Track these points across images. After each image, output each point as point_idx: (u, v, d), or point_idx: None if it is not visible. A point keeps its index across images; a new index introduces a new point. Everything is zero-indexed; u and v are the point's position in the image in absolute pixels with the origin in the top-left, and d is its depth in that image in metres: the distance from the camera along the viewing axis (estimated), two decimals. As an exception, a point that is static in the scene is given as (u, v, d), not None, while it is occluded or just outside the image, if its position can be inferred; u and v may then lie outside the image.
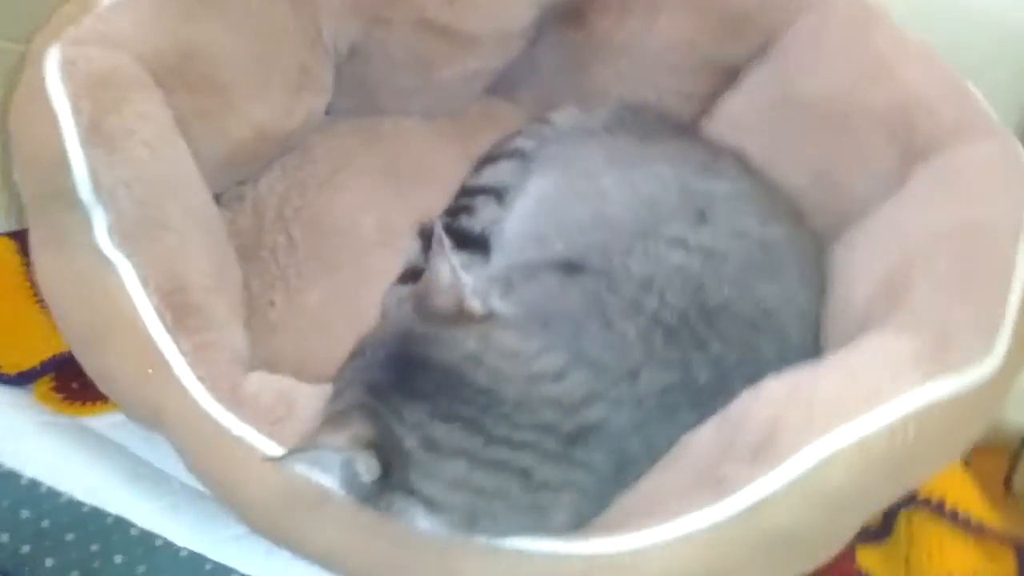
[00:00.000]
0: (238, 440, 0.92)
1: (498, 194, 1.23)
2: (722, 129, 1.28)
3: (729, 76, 1.29)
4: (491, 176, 1.26)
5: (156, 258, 0.98)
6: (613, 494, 0.88)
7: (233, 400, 0.94)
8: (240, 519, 0.98)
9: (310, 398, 0.97)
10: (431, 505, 0.83)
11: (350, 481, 0.85)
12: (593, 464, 0.86)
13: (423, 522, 0.84)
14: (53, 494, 1.07)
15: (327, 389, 1.00)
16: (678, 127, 1.31)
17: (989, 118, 1.08)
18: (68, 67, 0.95)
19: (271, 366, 1.02)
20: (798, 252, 1.07)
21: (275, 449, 0.91)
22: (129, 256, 0.96)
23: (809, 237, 1.10)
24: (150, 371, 0.96)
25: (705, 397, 0.92)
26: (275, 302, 1.13)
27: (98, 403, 1.15)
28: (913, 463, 0.82)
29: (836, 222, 1.15)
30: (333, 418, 0.85)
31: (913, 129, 1.10)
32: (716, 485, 0.84)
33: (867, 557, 1.02)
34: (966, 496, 1.00)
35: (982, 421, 0.86)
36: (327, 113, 1.28)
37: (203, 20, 1.07)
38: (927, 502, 1.00)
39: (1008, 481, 1.12)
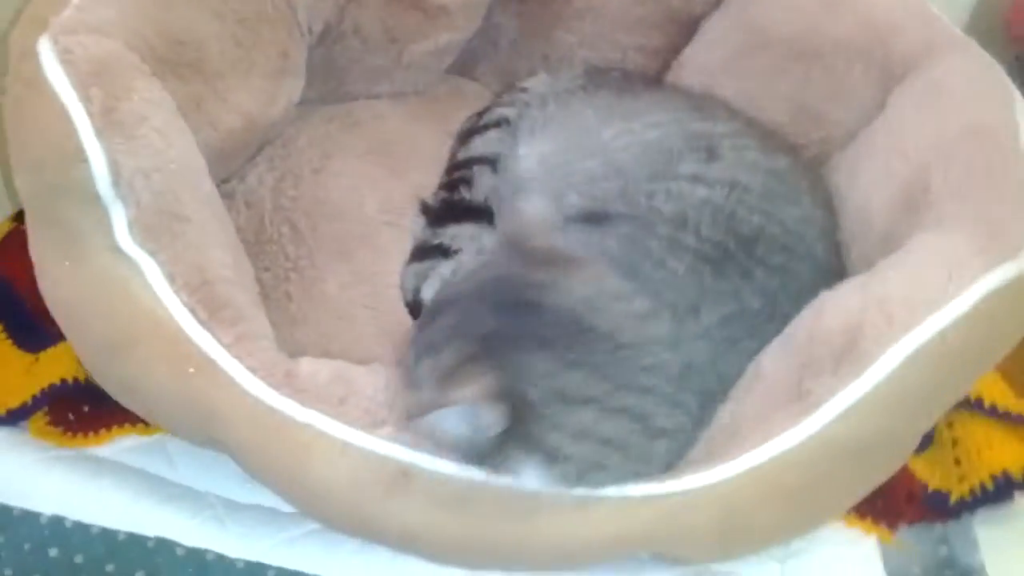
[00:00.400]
0: (305, 427, 0.87)
1: (492, 163, 1.22)
2: (690, 80, 1.30)
3: (690, 28, 1.32)
4: (482, 146, 1.25)
5: (180, 252, 0.92)
6: (700, 432, 0.89)
7: (291, 386, 0.90)
8: (308, 512, 0.95)
9: (366, 375, 0.94)
10: (551, 458, 0.81)
11: (471, 438, 0.80)
12: (689, 404, 0.87)
13: (534, 477, 0.82)
14: (81, 528, 1.01)
15: (377, 368, 0.98)
16: (649, 81, 1.33)
17: (953, 31, 1.14)
18: (66, 56, 0.88)
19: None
20: (807, 178, 1.10)
21: (345, 431, 0.87)
22: (153, 253, 0.90)
23: (806, 165, 1.14)
24: (191, 370, 0.90)
25: (760, 323, 0.94)
26: (292, 294, 1.09)
27: (102, 431, 1.08)
28: (984, 351, 0.86)
29: (819, 152, 1.20)
30: (451, 374, 0.80)
31: (888, 52, 1.15)
32: (800, 401, 0.86)
33: (918, 467, 1.05)
34: (1000, 391, 1.04)
35: None
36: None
37: (185, 6, 1.02)
38: (965, 402, 1.03)
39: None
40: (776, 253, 0.99)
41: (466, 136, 1.28)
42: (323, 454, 0.87)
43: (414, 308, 1.11)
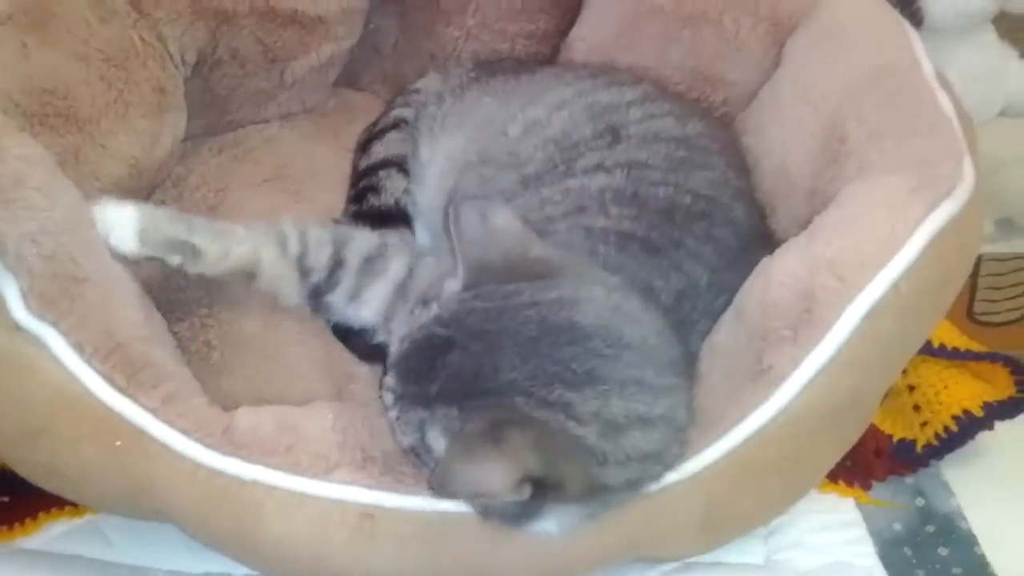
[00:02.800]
0: (253, 484, 0.80)
1: (398, 165, 1.16)
2: (583, 57, 1.26)
3: (576, 9, 1.28)
4: (383, 150, 1.18)
5: (84, 318, 0.83)
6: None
7: (232, 443, 0.82)
8: (268, 572, 0.87)
9: (310, 417, 0.86)
10: (600, 494, 0.75)
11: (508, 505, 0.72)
12: (687, 398, 0.82)
13: (564, 520, 0.76)
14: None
15: (318, 407, 0.90)
16: (543, 63, 1.28)
17: (837, -25, 1.11)
18: (-79, 131, 0.79)
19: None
20: (718, 141, 1.06)
21: (297, 482, 0.80)
22: (54, 323, 0.81)
23: (721, 126, 1.11)
24: (118, 443, 0.82)
25: (711, 300, 0.90)
26: (212, 342, 0.99)
27: (27, 521, 0.99)
28: (938, 294, 0.83)
29: (722, 115, 1.18)
30: (488, 441, 0.69)
31: (775, 4, 1.13)
32: (764, 376, 0.82)
33: (879, 419, 1.03)
34: (947, 331, 1.04)
35: (976, 242, 0.88)
36: (181, 139, 1.14)
37: (44, 52, 0.93)
38: (915, 346, 1.01)
39: (970, 309, 1.16)
40: (695, 221, 0.95)
41: (365, 145, 1.21)
42: (277, 510, 0.81)
43: (341, 332, 1.03)
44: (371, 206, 1.13)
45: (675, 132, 1.03)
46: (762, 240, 0.98)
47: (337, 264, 0.98)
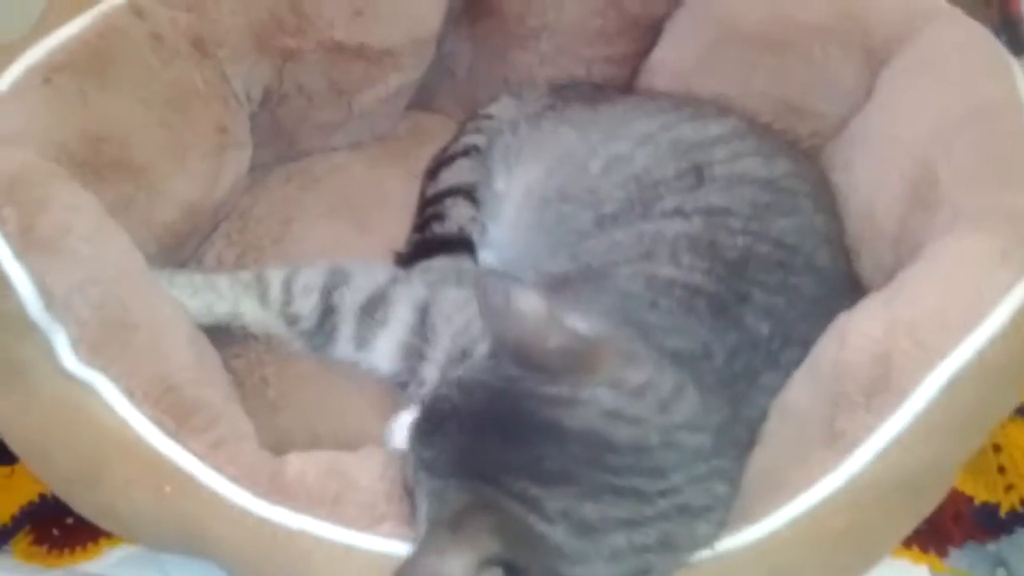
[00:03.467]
0: (300, 535, 0.78)
1: (465, 192, 1.13)
2: (663, 85, 1.19)
3: (655, 31, 1.22)
4: (451, 177, 1.15)
5: (134, 363, 0.82)
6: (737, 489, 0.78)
7: (280, 491, 0.80)
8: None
9: (359, 464, 0.84)
10: None
11: None
12: (725, 470, 0.76)
13: None
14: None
15: (370, 452, 0.88)
16: (620, 89, 1.23)
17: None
18: (-30, 177, 0.79)
19: (281, 449, 0.87)
20: (807, 181, 1.00)
21: (344, 534, 0.78)
22: (104, 369, 0.81)
23: (810, 166, 1.04)
24: (168, 489, 0.81)
25: (775, 351, 0.84)
26: (268, 378, 0.98)
27: (90, 545, 1.01)
28: None
29: (809, 147, 1.10)
30: (450, 523, 0.69)
31: (867, 31, 1.05)
32: (834, 443, 0.76)
33: (960, 480, 0.96)
34: (1031, 388, 0.95)
35: None
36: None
37: (103, 99, 0.91)
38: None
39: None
40: (771, 271, 0.89)
41: (433, 172, 1.18)
42: (325, 561, 0.78)
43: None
44: (434, 234, 1.10)
45: (761, 173, 0.97)
46: (848, 286, 0.92)
47: (327, 311, 0.95)
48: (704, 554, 0.76)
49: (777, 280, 0.88)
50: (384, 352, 0.94)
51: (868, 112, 1.03)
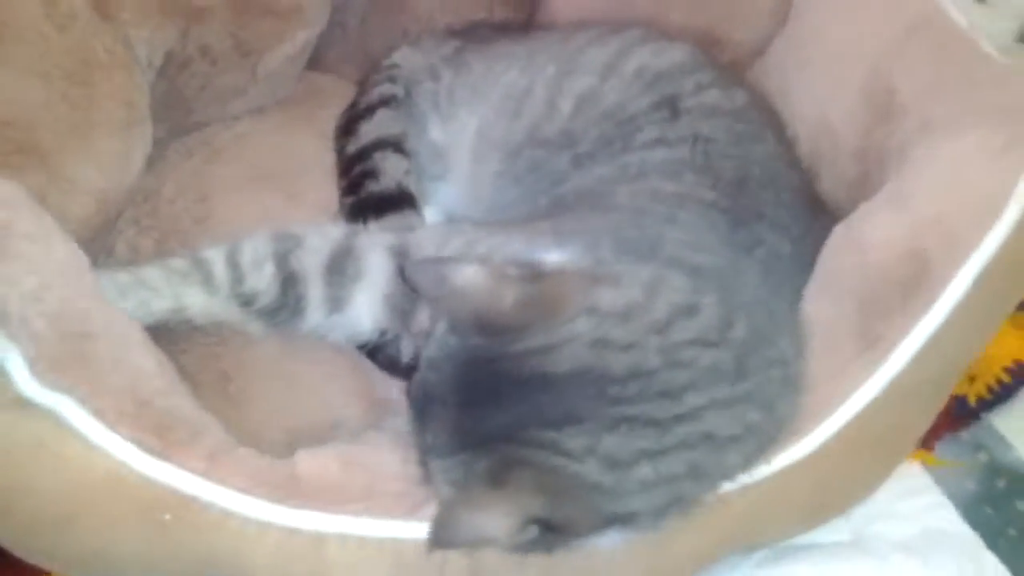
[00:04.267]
0: (339, 538, 0.70)
1: (393, 145, 1.04)
2: (569, 19, 1.13)
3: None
4: (374, 130, 1.05)
5: (100, 378, 0.70)
6: (786, 409, 0.75)
7: (302, 494, 0.71)
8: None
9: (376, 453, 0.76)
10: (625, 521, 0.68)
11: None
12: (759, 393, 0.72)
13: (614, 540, 0.70)
14: None
15: (378, 440, 0.79)
16: (521, 28, 1.16)
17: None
18: None
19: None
20: (763, 110, 0.98)
21: (387, 527, 0.70)
22: (69, 391, 0.68)
23: (757, 93, 1.02)
24: (167, 518, 0.69)
25: (795, 270, 0.83)
26: (227, 372, 0.86)
27: None
28: None
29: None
30: (486, 486, 0.65)
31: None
32: (871, 349, 0.75)
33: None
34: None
35: None
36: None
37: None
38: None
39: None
40: (768, 191, 0.87)
41: (349, 127, 1.07)
42: (366, 558, 0.70)
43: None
44: (371, 193, 1.00)
45: (726, 104, 0.95)
46: (819, 204, 0.92)
47: (288, 280, 0.84)
48: (763, 473, 0.73)
49: (775, 199, 0.87)
50: (366, 307, 0.85)
51: (797, 39, 1.04)
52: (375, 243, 0.86)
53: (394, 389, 0.90)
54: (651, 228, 0.79)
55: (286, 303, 0.84)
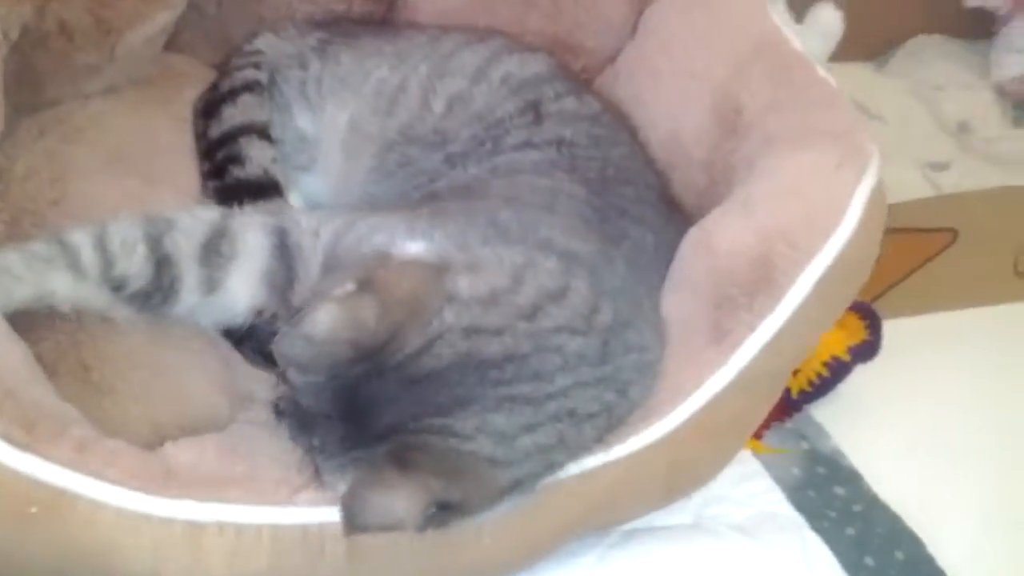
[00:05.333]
0: (217, 527, 0.69)
1: (259, 131, 1.02)
2: (427, 20, 1.15)
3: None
4: (238, 115, 1.03)
5: None
6: (639, 393, 0.80)
7: (179, 484, 0.69)
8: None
9: (250, 442, 0.76)
10: (514, 487, 0.71)
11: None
12: (616, 377, 0.77)
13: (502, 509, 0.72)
14: None
15: (247, 429, 0.79)
16: (381, 24, 1.17)
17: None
18: None
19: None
20: (615, 116, 1.03)
21: (262, 514, 0.70)
22: None
23: (607, 102, 1.06)
24: (33, 511, 0.66)
25: (657, 263, 0.88)
26: (87, 361, 0.80)
27: None
28: (866, 257, 0.83)
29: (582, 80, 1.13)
30: (391, 467, 0.65)
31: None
32: (721, 342, 0.81)
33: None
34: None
35: (884, 209, 0.86)
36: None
37: None
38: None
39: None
40: (627, 188, 0.92)
41: (211, 110, 1.04)
42: (247, 550, 0.69)
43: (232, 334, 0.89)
44: (236, 179, 0.98)
45: (583, 111, 0.99)
46: (674, 205, 0.98)
47: (162, 262, 0.81)
48: (619, 453, 0.77)
49: (636, 196, 0.92)
50: (243, 286, 0.82)
51: (648, 50, 1.09)
52: (252, 223, 0.84)
53: (257, 383, 0.88)
54: (527, 214, 0.81)
55: (159, 286, 0.80)
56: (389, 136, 0.99)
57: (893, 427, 1.06)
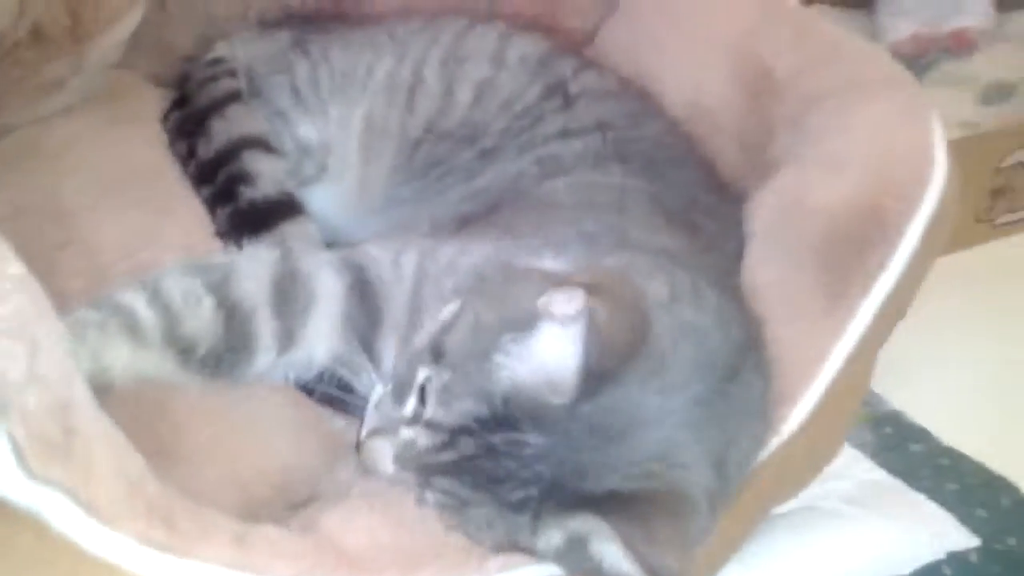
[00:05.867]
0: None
1: (262, 144, 0.88)
2: (387, 10, 1.04)
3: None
4: (231, 128, 0.88)
5: (85, 455, 0.50)
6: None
7: (364, 569, 0.57)
8: None
9: (399, 509, 0.62)
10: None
11: None
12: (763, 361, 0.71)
13: None
14: None
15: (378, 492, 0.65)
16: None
17: None
18: None
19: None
20: (628, 83, 0.96)
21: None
22: (60, 481, 0.48)
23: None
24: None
25: (727, 243, 0.82)
26: (162, 434, 0.64)
27: None
28: (958, 197, 0.79)
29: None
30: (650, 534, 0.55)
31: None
32: (838, 306, 0.75)
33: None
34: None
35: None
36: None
37: None
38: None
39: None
40: (680, 172, 0.86)
41: (187, 128, 0.89)
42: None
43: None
44: (250, 201, 0.84)
45: (606, 84, 0.92)
46: (721, 179, 0.92)
47: (231, 313, 0.66)
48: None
49: (690, 180, 0.86)
50: (322, 336, 0.69)
51: (635, 21, 1.04)
52: (320, 261, 0.70)
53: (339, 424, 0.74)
54: (605, 221, 0.74)
55: (233, 344, 0.66)
56: (413, 133, 0.89)
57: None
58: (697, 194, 0.84)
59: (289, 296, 0.68)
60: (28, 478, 0.46)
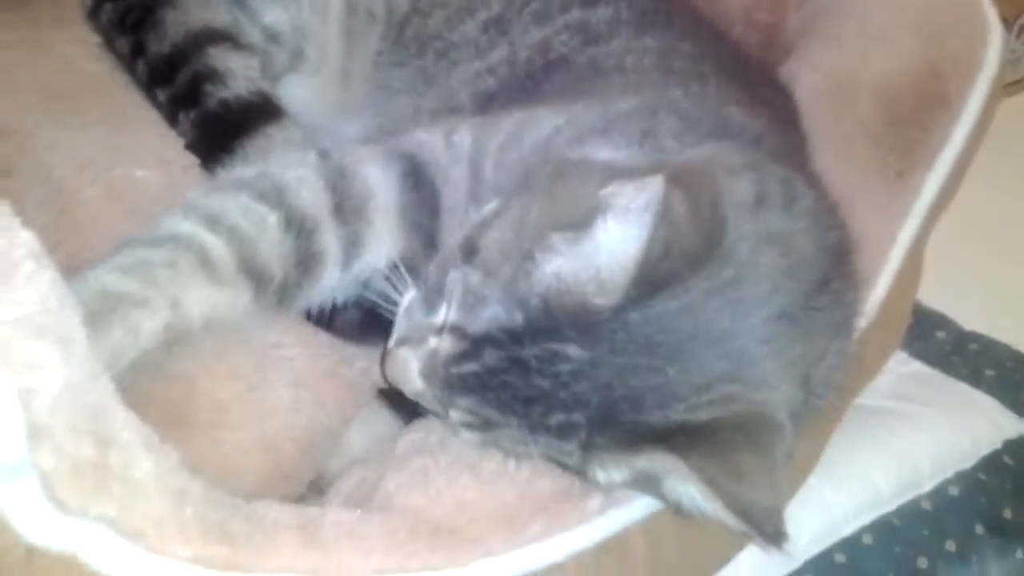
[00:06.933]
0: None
1: (228, 37, 0.72)
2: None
3: None
4: (188, 20, 0.72)
5: (125, 481, 0.40)
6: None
7: (470, 542, 0.48)
8: None
9: (470, 460, 0.54)
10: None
11: None
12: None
13: None
14: None
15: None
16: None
17: None
18: None
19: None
20: None
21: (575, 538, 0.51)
22: (100, 512, 0.38)
23: None
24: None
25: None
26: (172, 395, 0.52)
27: None
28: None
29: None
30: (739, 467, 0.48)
31: None
32: (902, 186, 0.69)
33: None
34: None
35: None
36: None
37: None
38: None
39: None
40: (721, 42, 0.77)
41: (129, 22, 0.70)
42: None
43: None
44: (221, 101, 0.68)
45: None
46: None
47: (299, 231, 0.56)
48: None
49: (732, 52, 0.76)
50: (385, 235, 0.59)
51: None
52: (363, 155, 0.59)
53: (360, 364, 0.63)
54: (693, 90, 0.63)
55: (302, 259, 0.56)
56: (402, 7, 0.75)
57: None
58: (749, 67, 0.74)
59: (346, 197, 0.58)
60: (62, 514, 0.35)
